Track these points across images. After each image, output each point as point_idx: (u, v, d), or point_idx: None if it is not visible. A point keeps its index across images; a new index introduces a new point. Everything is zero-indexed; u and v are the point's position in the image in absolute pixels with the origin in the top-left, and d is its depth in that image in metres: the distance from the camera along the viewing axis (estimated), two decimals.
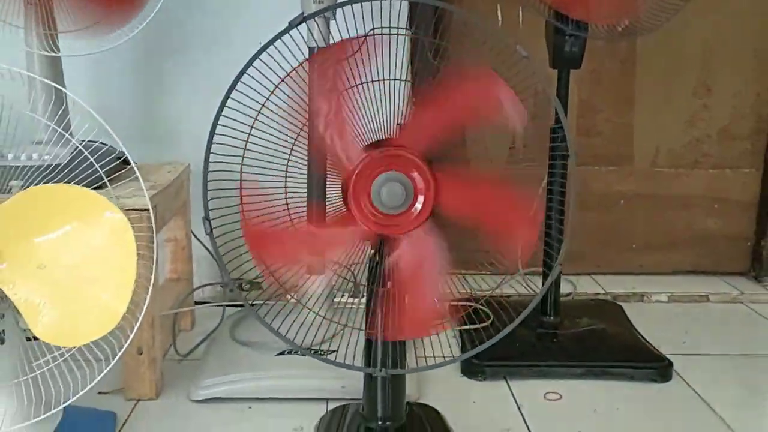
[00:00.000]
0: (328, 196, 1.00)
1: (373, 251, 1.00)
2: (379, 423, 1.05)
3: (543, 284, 1.53)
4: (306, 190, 0.99)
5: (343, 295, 1.47)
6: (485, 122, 0.99)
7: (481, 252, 1.01)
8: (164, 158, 1.57)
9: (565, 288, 1.75)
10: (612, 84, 1.90)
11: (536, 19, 1.41)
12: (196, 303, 1.67)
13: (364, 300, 1.04)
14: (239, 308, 1.59)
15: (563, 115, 0.98)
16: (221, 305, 1.62)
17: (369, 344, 1.01)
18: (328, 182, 0.97)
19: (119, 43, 1.35)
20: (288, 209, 0.98)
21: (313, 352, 1.06)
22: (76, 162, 1.05)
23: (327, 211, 1.00)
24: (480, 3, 1.58)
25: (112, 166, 1.08)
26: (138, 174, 1.02)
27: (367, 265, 1.01)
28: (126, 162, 1.14)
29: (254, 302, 1.07)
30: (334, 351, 1.33)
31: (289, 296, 1.03)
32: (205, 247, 1.67)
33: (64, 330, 0.93)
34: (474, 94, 0.94)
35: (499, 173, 1.00)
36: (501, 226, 0.97)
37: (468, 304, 1.61)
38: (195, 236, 1.63)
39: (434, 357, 1.05)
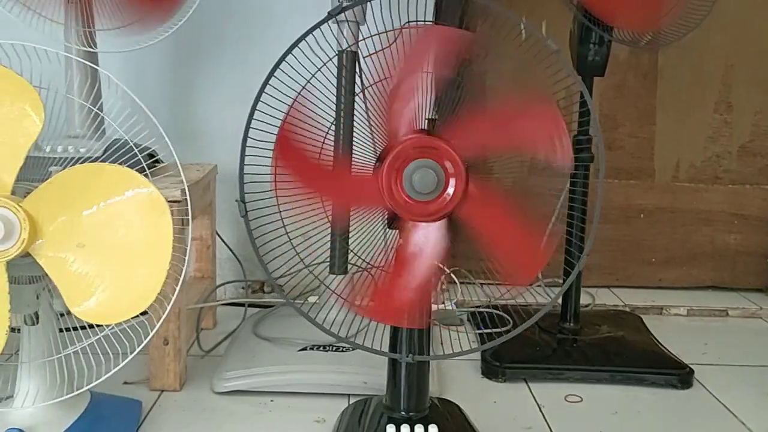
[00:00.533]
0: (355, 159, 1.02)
1: (400, 239, 1.02)
2: (403, 413, 1.06)
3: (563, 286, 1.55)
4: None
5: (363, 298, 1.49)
6: (535, 154, 1.01)
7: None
8: (192, 159, 1.60)
9: (584, 300, 1.76)
10: (634, 98, 1.92)
11: (560, 30, 1.44)
12: (219, 304, 1.69)
13: None
14: (261, 309, 1.62)
15: (589, 97, 0.99)
16: (245, 302, 1.64)
17: (395, 332, 1.03)
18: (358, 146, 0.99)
19: (155, 41, 1.39)
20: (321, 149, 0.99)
21: (347, 343, 1.06)
22: (109, 155, 1.09)
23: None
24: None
25: (144, 163, 1.11)
26: (178, 164, 1.05)
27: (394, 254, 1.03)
28: (157, 160, 1.18)
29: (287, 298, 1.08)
30: (359, 346, 1.35)
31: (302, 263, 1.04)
32: (229, 248, 1.71)
33: (102, 308, 0.95)
34: (536, 126, 0.96)
35: (521, 191, 1.02)
36: (512, 246, 0.98)
37: (487, 310, 1.63)
38: (219, 236, 1.66)
39: (460, 347, 1.06)
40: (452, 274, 1.75)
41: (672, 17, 1.45)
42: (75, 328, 1.12)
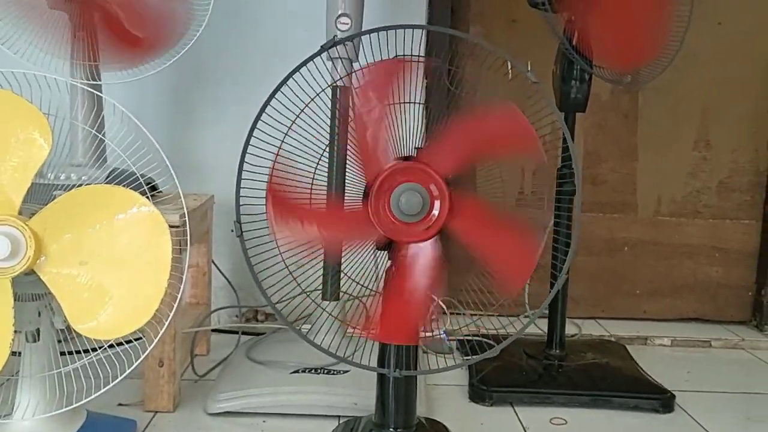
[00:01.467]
0: (347, 196, 1.07)
1: (390, 262, 1.07)
2: (391, 429, 1.10)
3: (549, 317, 1.59)
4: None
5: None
6: (506, 153, 1.07)
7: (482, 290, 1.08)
8: (189, 190, 1.65)
9: (570, 330, 1.80)
10: (616, 136, 1.99)
11: (544, 68, 1.51)
12: (213, 330, 1.72)
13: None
14: (254, 336, 1.65)
15: (569, 137, 1.06)
16: (238, 328, 1.68)
17: (383, 348, 1.07)
18: (347, 184, 1.05)
19: (152, 72, 1.45)
20: (311, 191, 1.04)
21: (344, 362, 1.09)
22: (110, 182, 1.14)
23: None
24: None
25: (144, 187, 1.17)
26: (179, 188, 1.10)
27: (384, 276, 1.08)
28: (156, 189, 1.23)
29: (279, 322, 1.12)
30: (347, 371, 1.39)
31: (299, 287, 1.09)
32: (224, 276, 1.75)
33: (102, 324, 1.00)
34: (498, 126, 1.03)
35: (507, 206, 1.08)
36: (501, 253, 1.03)
37: (476, 338, 1.67)
38: (215, 265, 1.70)
39: (445, 362, 1.10)
40: (442, 304, 1.79)
41: (650, 57, 1.53)
42: (71, 353, 1.16)
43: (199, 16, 1.48)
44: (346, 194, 1.07)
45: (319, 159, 1.09)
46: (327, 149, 1.13)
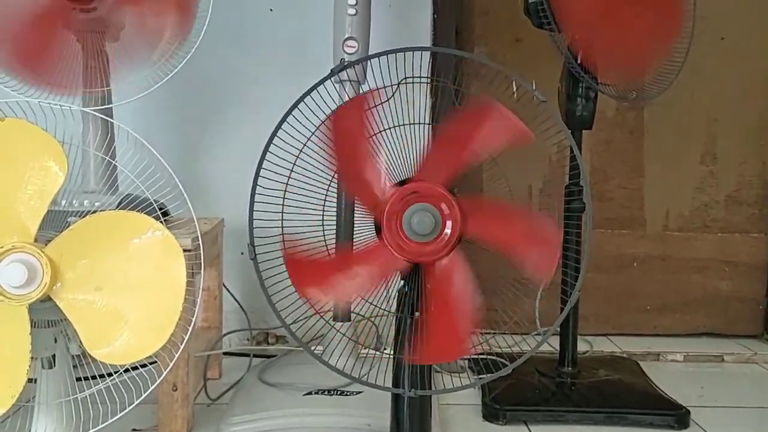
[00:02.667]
0: (356, 236, 1.09)
1: (402, 282, 1.07)
2: None
3: (561, 334, 1.59)
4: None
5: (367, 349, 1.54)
6: (496, 146, 1.08)
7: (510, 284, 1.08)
8: (200, 215, 1.67)
9: (582, 347, 1.79)
10: (622, 153, 2.00)
11: (549, 87, 1.52)
12: (225, 354, 1.73)
13: (387, 351, 1.11)
14: (265, 359, 1.66)
15: (578, 153, 1.07)
16: (250, 351, 1.68)
17: (397, 368, 1.07)
18: (356, 224, 1.06)
19: (162, 82, 1.44)
20: (325, 240, 1.06)
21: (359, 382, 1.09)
22: (122, 208, 1.15)
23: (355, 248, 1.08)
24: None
25: (157, 212, 1.18)
26: (192, 211, 1.11)
27: (396, 295, 1.08)
28: (167, 214, 1.24)
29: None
30: (360, 392, 1.39)
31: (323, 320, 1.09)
32: (235, 299, 1.76)
33: (117, 348, 1.00)
34: (479, 120, 1.03)
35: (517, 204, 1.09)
36: (522, 242, 1.03)
37: (489, 356, 1.67)
38: (226, 288, 1.71)
39: (460, 381, 1.10)
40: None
41: (653, 70, 1.54)
42: (86, 378, 1.16)
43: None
44: (359, 222, 1.08)
45: (330, 182, 1.10)
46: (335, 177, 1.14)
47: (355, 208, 1.10)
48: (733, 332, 2.01)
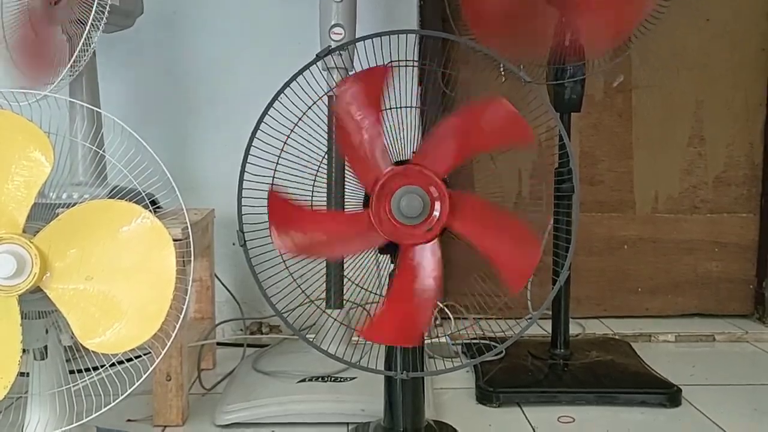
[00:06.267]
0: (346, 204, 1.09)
1: (393, 266, 1.08)
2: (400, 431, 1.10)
3: (552, 317, 1.59)
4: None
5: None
6: (499, 144, 1.09)
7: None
8: (188, 206, 1.66)
9: (574, 330, 1.80)
10: (611, 136, 2.01)
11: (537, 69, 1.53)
12: (218, 344, 1.73)
13: None
14: (259, 348, 1.66)
15: (566, 135, 1.07)
16: (243, 340, 1.68)
17: (389, 351, 1.08)
18: (347, 194, 1.06)
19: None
20: (312, 199, 1.06)
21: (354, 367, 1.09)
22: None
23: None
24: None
25: (146, 201, 1.17)
26: (180, 200, 1.11)
27: (388, 281, 1.09)
28: (158, 206, 1.24)
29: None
30: (353, 378, 1.40)
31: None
32: (227, 289, 1.76)
33: (109, 338, 1.00)
34: (488, 119, 1.04)
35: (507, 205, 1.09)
36: (502, 254, 1.04)
37: (482, 341, 1.68)
38: (218, 278, 1.71)
39: (452, 363, 1.10)
40: (446, 309, 1.80)
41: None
42: (79, 371, 1.16)
43: None
44: (346, 203, 1.09)
45: (318, 167, 1.11)
46: (326, 157, 1.14)
47: (345, 183, 1.10)
48: (723, 312, 2.03)
